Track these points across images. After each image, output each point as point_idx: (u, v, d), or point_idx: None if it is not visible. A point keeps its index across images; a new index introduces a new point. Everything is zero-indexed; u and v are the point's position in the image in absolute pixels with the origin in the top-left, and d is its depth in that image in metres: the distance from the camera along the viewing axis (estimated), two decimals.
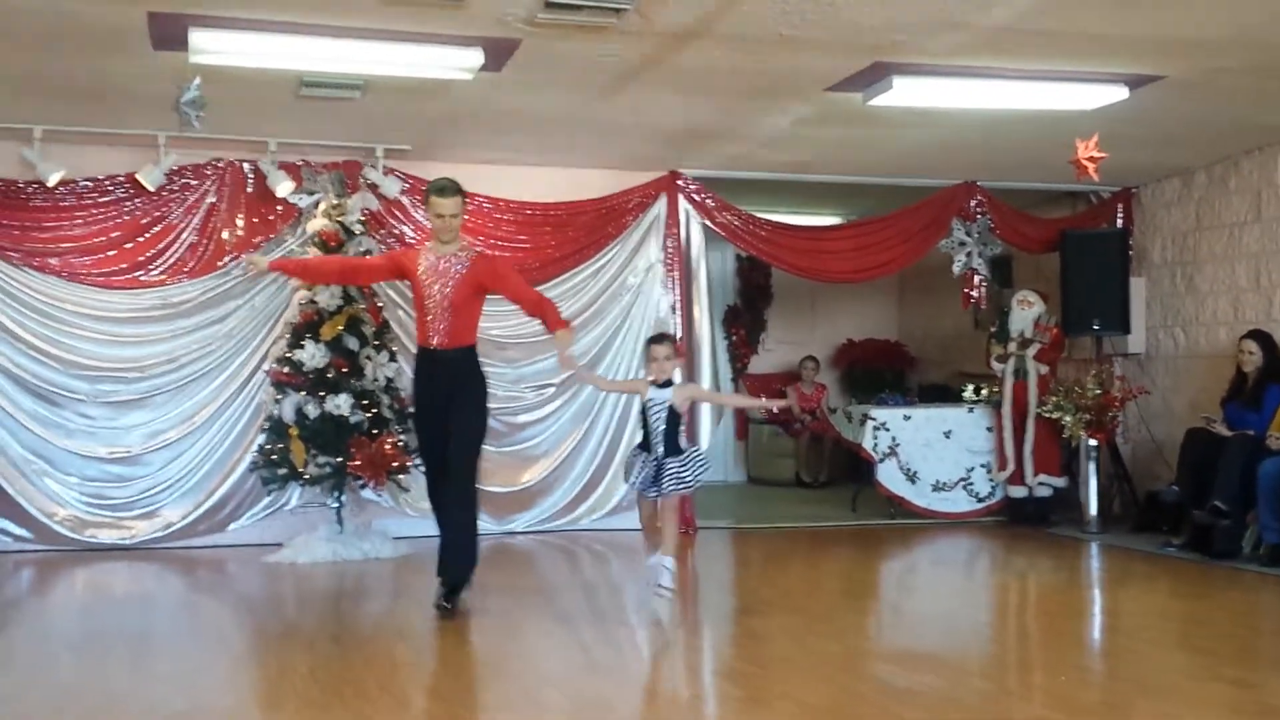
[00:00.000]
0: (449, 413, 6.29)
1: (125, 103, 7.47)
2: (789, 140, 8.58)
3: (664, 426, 6.15)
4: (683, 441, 6.26)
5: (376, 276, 7.43)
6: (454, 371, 6.33)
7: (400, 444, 8.19)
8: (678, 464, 6.13)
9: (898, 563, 8.67)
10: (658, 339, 6.36)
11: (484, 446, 6.58)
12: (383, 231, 8.94)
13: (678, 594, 6.22)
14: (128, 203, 8.57)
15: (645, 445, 6.24)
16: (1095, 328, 9.92)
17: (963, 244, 10.06)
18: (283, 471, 8.16)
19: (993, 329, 10.22)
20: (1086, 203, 10.68)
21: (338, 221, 8.42)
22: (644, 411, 6.24)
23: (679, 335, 9.51)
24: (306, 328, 8.23)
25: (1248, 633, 6.12)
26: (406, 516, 8.86)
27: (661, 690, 5.22)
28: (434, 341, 6.31)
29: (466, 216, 6.87)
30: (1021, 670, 5.55)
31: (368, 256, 8.17)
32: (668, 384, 6.20)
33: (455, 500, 6.33)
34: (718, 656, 5.85)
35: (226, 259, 8.69)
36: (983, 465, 10.11)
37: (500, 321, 9.26)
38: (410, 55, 6.34)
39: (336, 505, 8.31)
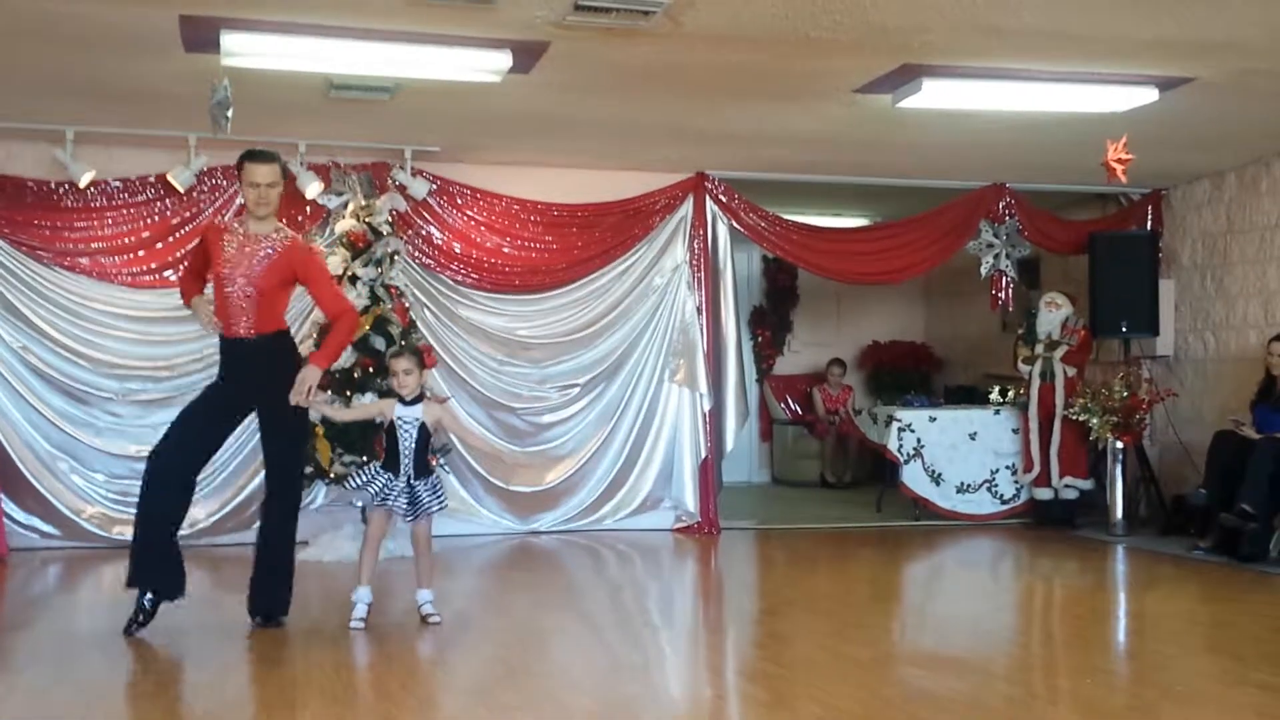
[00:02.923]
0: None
1: (156, 104, 7.52)
2: (817, 142, 8.57)
3: (415, 445, 5.88)
4: (431, 462, 6.06)
5: (205, 269, 6.00)
6: (258, 363, 5.87)
7: None
8: (428, 486, 5.92)
9: (922, 565, 8.65)
10: (397, 353, 6.04)
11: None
12: (410, 232, 8.98)
13: (699, 594, 6.22)
14: (158, 203, 8.64)
15: (388, 464, 5.92)
16: (1124, 330, 9.88)
17: (990, 246, 10.03)
18: (308, 470, 8.19)
19: (1020, 331, 10.18)
20: (1116, 205, 10.62)
21: (366, 223, 8.46)
22: (390, 429, 5.91)
23: (703, 336, 9.51)
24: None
25: (1275, 637, 6.07)
26: None
27: (685, 692, 5.23)
28: (236, 331, 5.81)
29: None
30: (1047, 674, 5.52)
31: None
32: (416, 400, 5.92)
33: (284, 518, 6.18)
34: (741, 658, 5.85)
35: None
36: (1008, 467, 10.08)
37: (526, 321, 9.31)
38: (439, 58, 6.36)
39: (361, 504, 8.34)
